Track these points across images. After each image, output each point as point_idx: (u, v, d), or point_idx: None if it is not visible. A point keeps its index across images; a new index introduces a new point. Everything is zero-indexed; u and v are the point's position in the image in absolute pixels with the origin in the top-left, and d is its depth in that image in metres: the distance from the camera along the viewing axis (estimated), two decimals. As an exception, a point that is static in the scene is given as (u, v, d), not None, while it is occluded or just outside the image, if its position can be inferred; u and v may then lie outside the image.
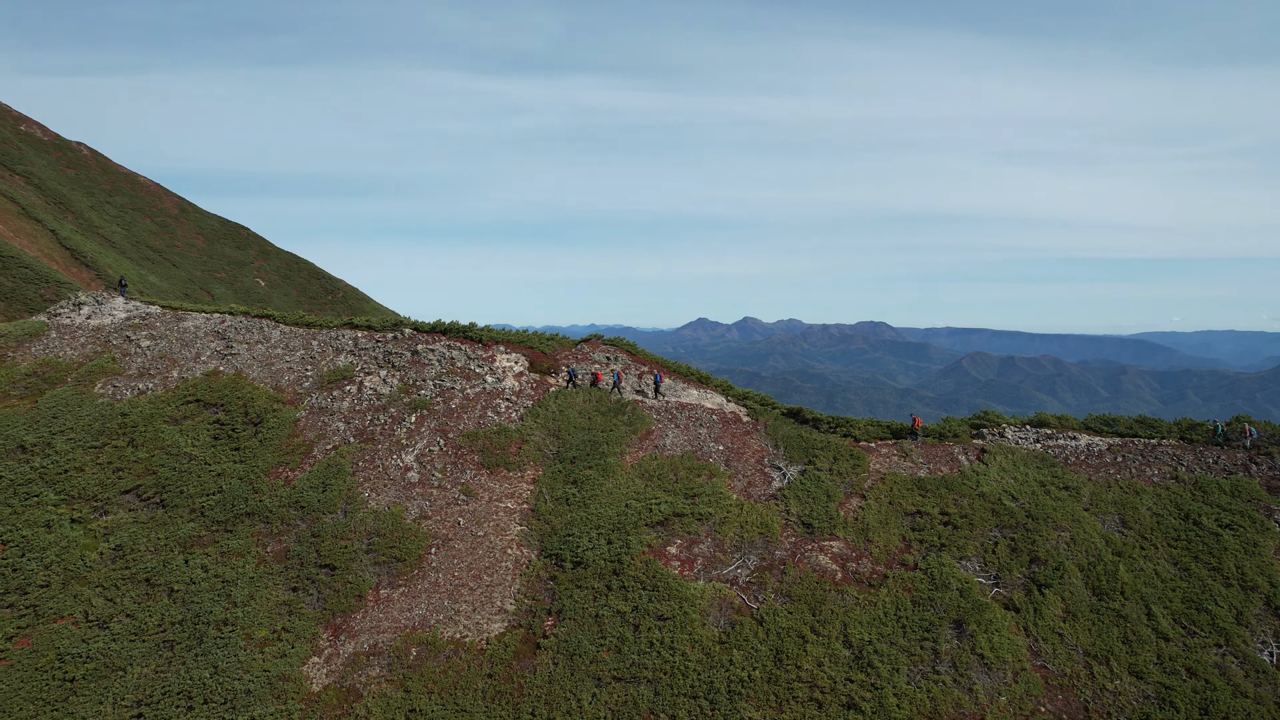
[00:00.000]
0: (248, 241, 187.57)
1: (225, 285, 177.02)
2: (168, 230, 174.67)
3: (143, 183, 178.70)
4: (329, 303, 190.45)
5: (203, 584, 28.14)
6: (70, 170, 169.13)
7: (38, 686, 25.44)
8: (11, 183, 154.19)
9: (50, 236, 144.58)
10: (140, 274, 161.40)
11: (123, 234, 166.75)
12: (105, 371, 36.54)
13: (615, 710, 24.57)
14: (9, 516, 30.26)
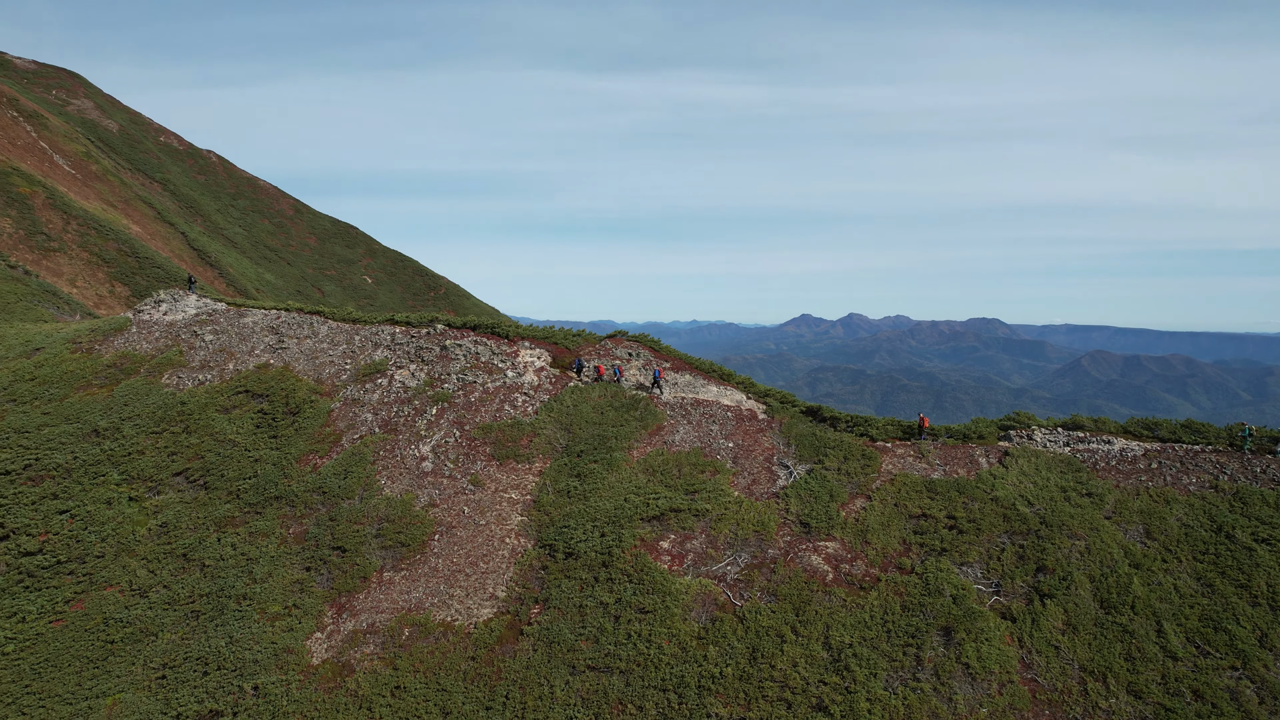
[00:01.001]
0: (356, 240, 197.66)
1: (335, 282, 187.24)
2: (284, 230, 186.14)
3: (262, 186, 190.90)
4: (431, 299, 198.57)
5: (230, 561, 30.64)
6: (200, 176, 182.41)
7: (84, 645, 28.41)
8: (151, 189, 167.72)
9: (181, 238, 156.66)
10: (258, 272, 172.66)
11: (244, 235, 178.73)
12: (172, 363, 39.95)
13: (585, 698, 25.36)
14: (78, 493, 33.72)
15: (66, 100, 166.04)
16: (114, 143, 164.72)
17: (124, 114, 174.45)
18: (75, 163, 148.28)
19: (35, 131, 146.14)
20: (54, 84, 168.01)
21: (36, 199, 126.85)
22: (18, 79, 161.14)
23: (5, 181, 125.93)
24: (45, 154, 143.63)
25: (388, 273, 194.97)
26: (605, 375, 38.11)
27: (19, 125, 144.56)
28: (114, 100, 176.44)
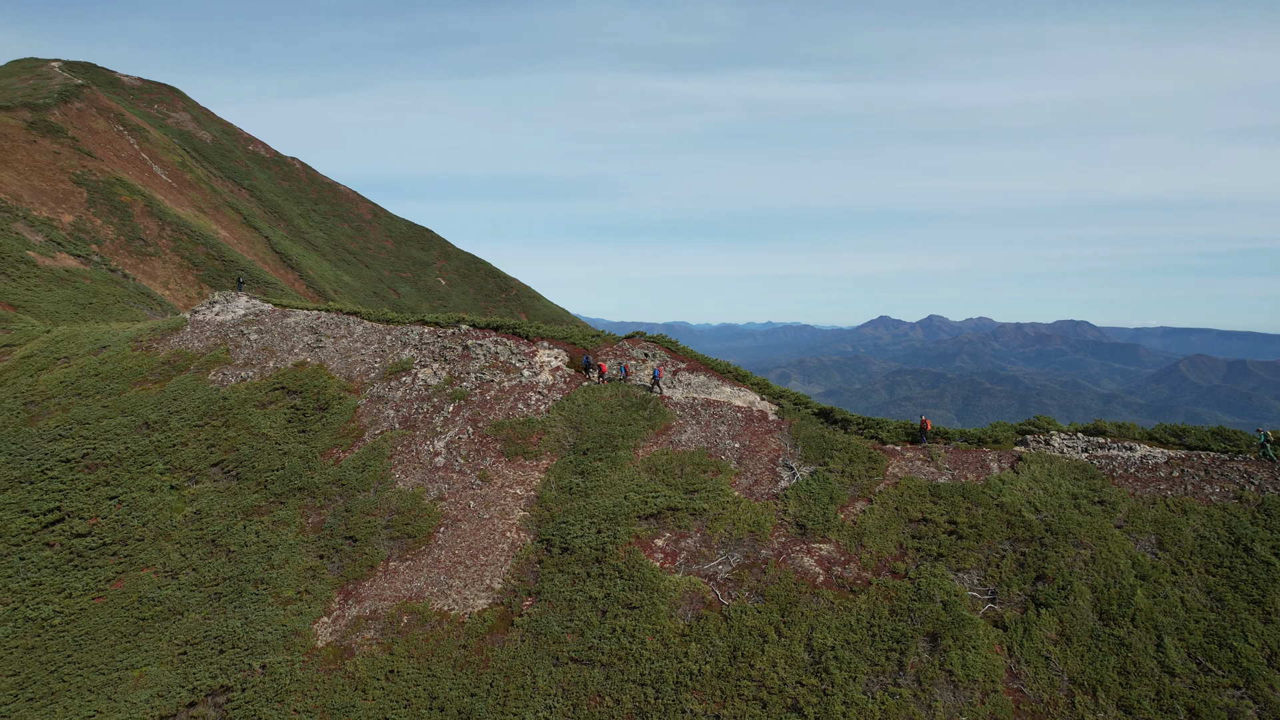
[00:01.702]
0: (431, 243, 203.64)
1: (410, 284, 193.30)
2: (362, 234, 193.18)
3: (343, 191, 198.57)
4: (503, 300, 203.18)
5: (253, 547, 32.58)
6: (285, 182, 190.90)
7: (120, 621, 30.72)
8: (239, 195, 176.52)
9: (265, 242, 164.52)
10: (337, 274, 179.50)
11: (324, 238, 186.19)
12: (219, 361, 42.54)
13: (566, 689, 26.09)
14: (127, 481, 36.35)
15: (166, 114, 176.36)
16: (207, 152, 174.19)
17: (217, 125, 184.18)
18: (171, 172, 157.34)
19: (137, 144, 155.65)
20: (156, 99, 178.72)
21: (136, 207, 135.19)
22: (125, 95, 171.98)
23: (109, 191, 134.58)
24: (145, 164, 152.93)
25: (461, 274, 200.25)
26: (609, 374, 38.81)
27: (123, 139, 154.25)
28: (209, 112, 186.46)
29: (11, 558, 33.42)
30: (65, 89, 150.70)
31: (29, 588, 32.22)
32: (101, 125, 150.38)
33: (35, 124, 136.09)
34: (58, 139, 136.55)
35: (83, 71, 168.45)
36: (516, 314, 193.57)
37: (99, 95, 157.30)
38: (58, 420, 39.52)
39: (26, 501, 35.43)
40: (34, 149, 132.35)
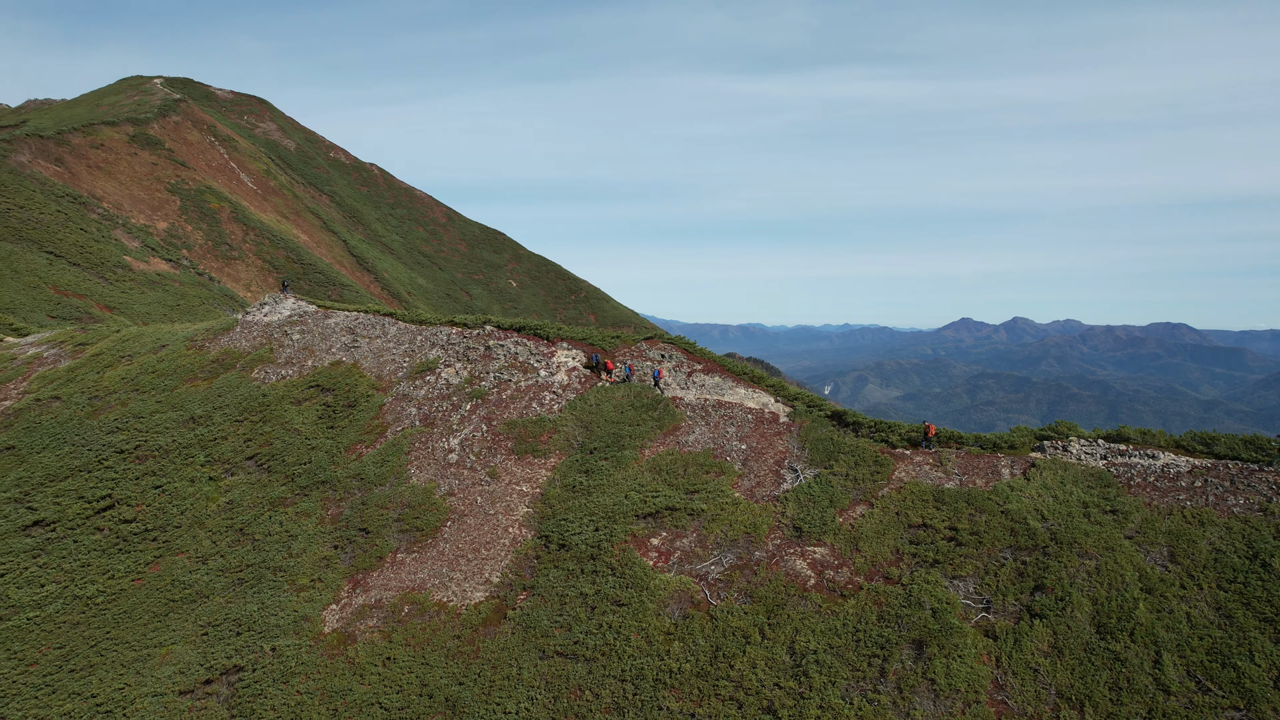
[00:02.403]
0: (503, 246, 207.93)
1: (482, 286, 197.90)
2: (436, 237, 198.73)
3: (419, 195, 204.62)
4: (572, 301, 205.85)
5: (276, 536, 34.39)
6: (364, 188, 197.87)
7: (153, 602, 32.93)
8: (319, 201, 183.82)
9: (342, 246, 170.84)
10: (411, 276, 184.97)
11: (400, 241, 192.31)
12: (263, 360, 44.90)
13: (549, 681, 26.74)
14: (171, 471, 38.83)
15: (255, 124, 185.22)
16: (291, 160, 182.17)
17: (301, 133, 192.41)
18: (257, 179, 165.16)
19: (227, 153, 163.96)
20: (246, 110, 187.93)
21: (223, 213, 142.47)
22: (218, 108, 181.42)
23: (200, 199, 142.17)
24: (234, 173, 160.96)
25: (532, 276, 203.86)
26: (615, 372, 39.31)
27: (214, 149, 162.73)
28: (294, 122, 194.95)
29: (66, 540, 36.14)
30: (164, 104, 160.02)
31: (79, 568, 34.81)
32: (195, 136, 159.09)
33: (136, 137, 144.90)
34: (155, 151, 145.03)
35: (181, 87, 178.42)
36: (585, 315, 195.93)
37: (194, 108, 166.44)
38: (116, 414, 42.45)
39: (83, 489, 38.22)
40: (134, 160, 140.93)
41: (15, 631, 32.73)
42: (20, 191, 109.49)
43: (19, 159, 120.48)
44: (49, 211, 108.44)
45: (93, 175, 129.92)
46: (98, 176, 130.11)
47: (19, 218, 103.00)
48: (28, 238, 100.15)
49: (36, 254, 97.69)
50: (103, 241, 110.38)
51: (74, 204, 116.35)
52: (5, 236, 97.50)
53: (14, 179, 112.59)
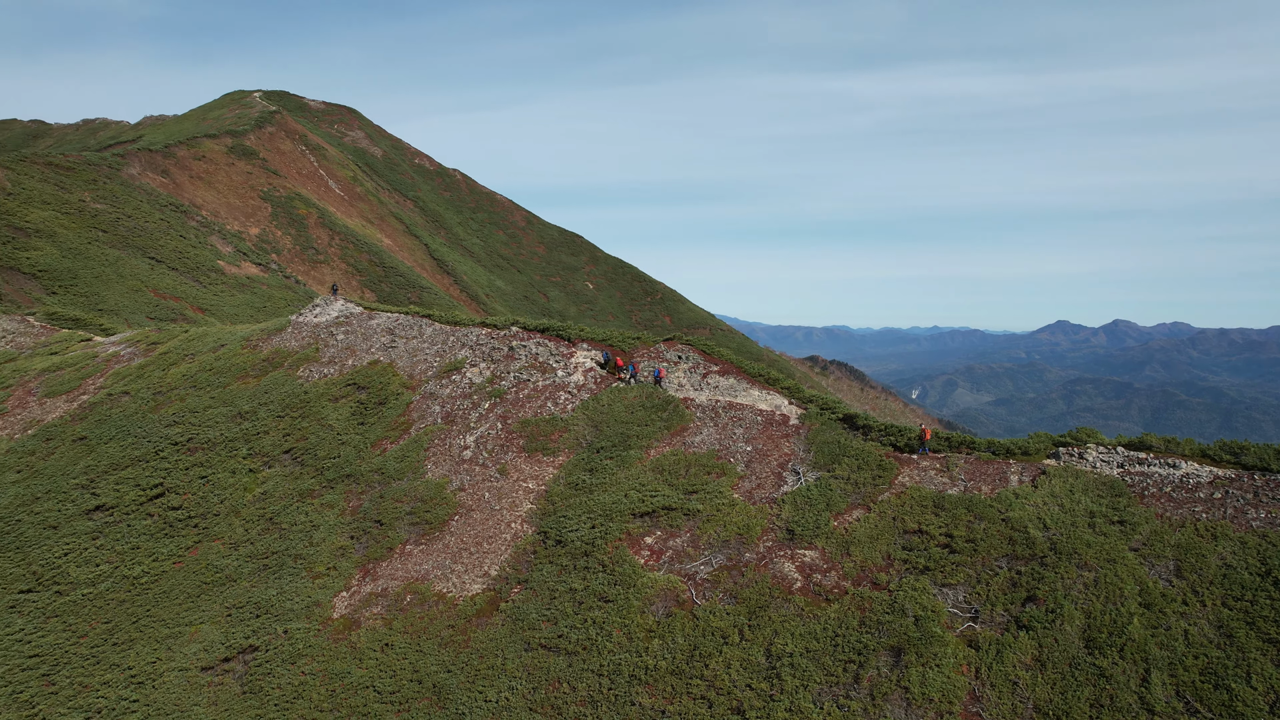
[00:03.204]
0: (580, 248, 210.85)
1: (559, 288, 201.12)
2: (516, 240, 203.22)
3: (499, 200, 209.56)
4: (647, 303, 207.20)
5: (300, 526, 36.37)
6: (446, 193, 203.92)
7: (189, 584, 35.36)
8: (403, 206, 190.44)
9: (424, 249, 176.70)
10: (490, 279, 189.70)
11: (480, 245, 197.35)
12: (309, 359, 47.38)
13: (530, 672, 27.51)
14: (216, 463, 41.50)
15: (344, 132, 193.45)
16: (377, 166, 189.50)
17: (388, 141, 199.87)
18: (344, 186, 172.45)
19: (316, 161, 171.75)
20: (336, 119, 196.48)
21: (310, 219, 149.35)
22: (310, 118, 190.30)
23: (289, 205, 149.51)
24: (322, 180, 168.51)
25: (608, 279, 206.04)
26: (622, 372, 39.80)
27: (305, 157, 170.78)
28: (381, 130, 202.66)
29: (121, 525, 39.13)
30: (261, 116, 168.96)
31: (129, 550, 37.65)
32: (288, 146, 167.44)
33: (234, 148, 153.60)
34: (251, 161, 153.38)
35: (278, 99, 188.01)
36: (661, 317, 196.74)
37: (288, 119, 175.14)
38: (175, 409, 45.60)
39: (140, 477, 41.27)
40: (231, 170, 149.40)
41: (71, 606, 35.69)
42: (129, 201, 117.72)
43: (130, 171, 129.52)
44: (153, 220, 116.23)
45: (194, 185, 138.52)
46: (198, 186, 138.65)
47: (127, 226, 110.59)
48: (133, 244, 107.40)
49: (140, 259, 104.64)
50: (199, 247, 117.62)
51: (175, 212, 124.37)
52: (114, 244, 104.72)
53: (124, 190, 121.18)
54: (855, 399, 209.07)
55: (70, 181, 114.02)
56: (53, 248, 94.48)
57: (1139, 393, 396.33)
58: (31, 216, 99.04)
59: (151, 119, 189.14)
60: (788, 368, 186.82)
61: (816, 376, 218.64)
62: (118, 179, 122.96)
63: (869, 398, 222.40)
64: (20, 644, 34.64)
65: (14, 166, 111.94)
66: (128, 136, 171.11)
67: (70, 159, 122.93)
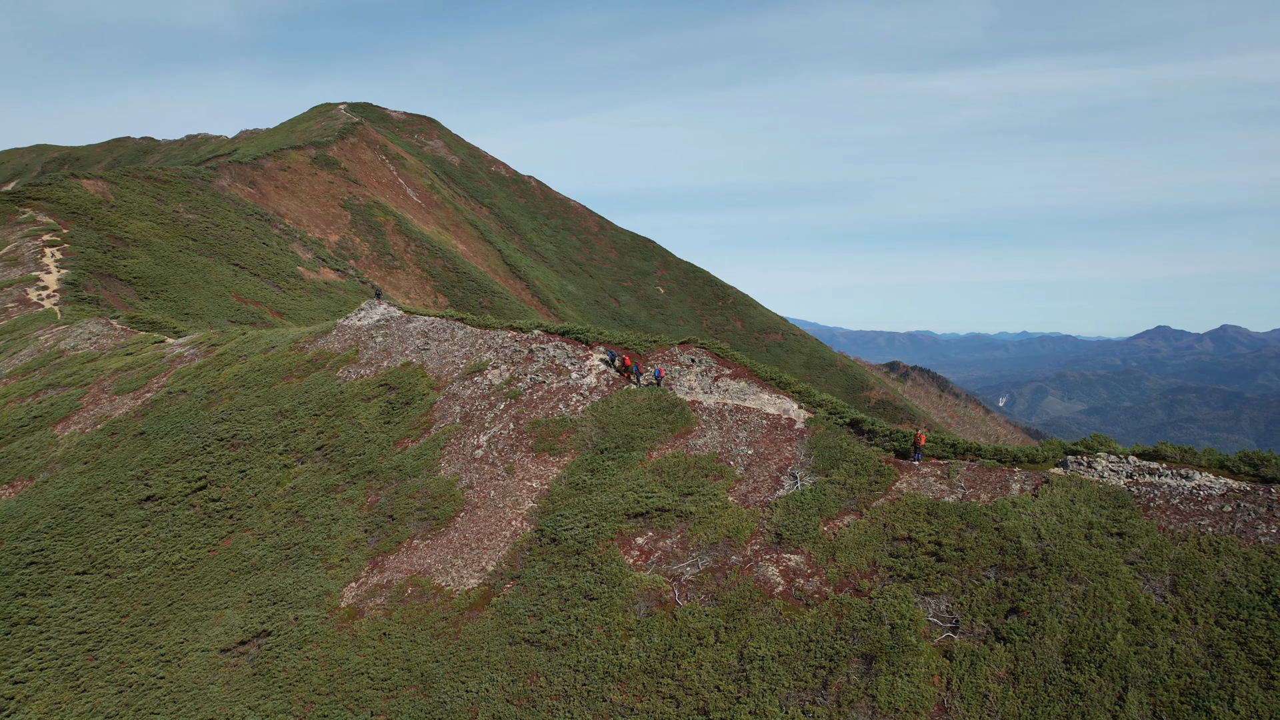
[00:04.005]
0: (652, 253, 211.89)
1: (630, 293, 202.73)
2: (588, 246, 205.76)
3: (573, 205, 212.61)
4: (718, 308, 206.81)
5: (322, 519, 38.19)
6: (521, 199, 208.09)
7: (220, 571, 37.62)
8: (479, 213, 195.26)
9: (497, 255, 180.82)
10: (561, 284, 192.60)
11: (553, 250, 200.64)
12: (348, 361, 49.58)
13: (511, 665, 28.27)
14: (255, 458, 43.93)
15: (423, 142, 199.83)
16: (455, 174, 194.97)
17: (465, 149, 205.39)
18: (421, 194, 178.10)
19: (395, 170, 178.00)
20: (416, 129, 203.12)
21: (388, 226, 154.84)
22: (391, 128, 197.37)
23: (368, 213, 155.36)
24: (401, 188, 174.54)
25: (679, 283, 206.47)
26: (629, 370, 40.26)
27: (385, 166, 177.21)
28: (459, 139, 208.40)
29: (167, 514, 41.87)
30: (344, 127, 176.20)
31: (171, 538, 40.27)
32: (368, 156, 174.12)
33: (317, 159, 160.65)
34: (333, 170, 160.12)
35: (361, 111, 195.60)
36: (732, 321, 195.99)
37: (369, 130, 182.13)
38: (224, 407, 48.43)
39: (187, 470, 44.05)
40: (314, 180, 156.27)
41: (117, 588, 38.43)
42: (218, 211, 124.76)
43: (220, 183, 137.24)
44: (239, 228, 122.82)
45: (279, 194, 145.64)
46: (283, 195, 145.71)
47: (215, 234, 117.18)
48: (219, 252, 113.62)
49: (225, 266, 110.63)
50: (281, 254, 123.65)
51: (260, 221, 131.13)
52: (203, 251, 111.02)
53: (214, 200, 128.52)
54: (931, 406, 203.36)
55: (166, 194, 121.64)
56: (147, 256, 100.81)
57: (1250, 403, 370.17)
58: (131, 227, 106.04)
59: (247, 132, 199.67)
60: (859, 373, 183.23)
61: (892, 382, 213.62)
62: (209, 190, 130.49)
63: (945, 405, 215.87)
64: (72, 621, 37.53)
65: (118, 181, 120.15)
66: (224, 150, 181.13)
67: (168, 173, 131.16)
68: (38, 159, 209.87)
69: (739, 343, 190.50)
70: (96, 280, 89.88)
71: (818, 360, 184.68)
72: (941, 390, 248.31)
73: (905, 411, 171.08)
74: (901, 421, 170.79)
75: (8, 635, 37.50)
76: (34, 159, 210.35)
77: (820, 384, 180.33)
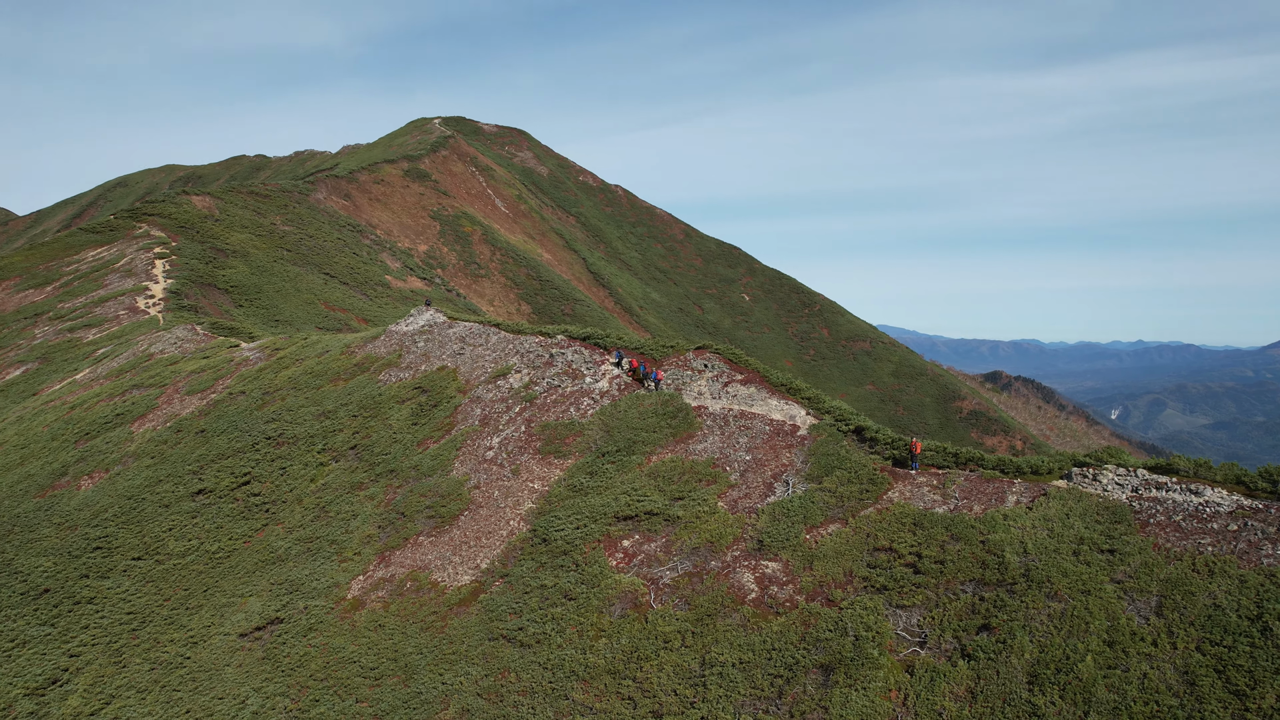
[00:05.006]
0: (738, 260, 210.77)
1: (714, 300, 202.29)
2: (673, 253, 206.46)
3: (659, 214, 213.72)
4: (805, 315, 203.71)
5: (344, 514, 40.01)
6: (608, 208, 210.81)
7: (250, 562, 39.95)
8: (565, 222, 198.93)
9: (582, 263, 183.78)
10: (645, 291, 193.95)
11: (638, 258, 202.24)
12: (391, 365, 51.74)
13: (487, 659, 28.94)
14: (295, 456, 46.42)
15: (514, 154, 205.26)
16: (543, 185, 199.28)
17: (554, 160, 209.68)
18: (509, 204, 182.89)
19: (485, 181, 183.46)
20: (507, 141, 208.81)
21: (475, 236, 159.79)
22: (483, 140, 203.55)
23: (456, 224, 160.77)
24: (489, 199, 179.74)
25: (765, 290, 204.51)
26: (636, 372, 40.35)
27: (475, 178, 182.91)
28: (548, 150, 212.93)
29: (214, 507, 44.75)
30: (436, 141, 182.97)
31: (214, 529, 43.03)
32: (459, 168, 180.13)
33: (409, 171, 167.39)
34: (424, 183, 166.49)
35: (455, 125, 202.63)
36: (818, 329, 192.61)
37: (461, 143, 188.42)
38: (276, 407, 51.36)
39: (235, 467, 46.96)
40: (406, 192, 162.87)
41: (164, 573, 41.36)
42: (312, 223, 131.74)
43: (316, 196, 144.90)
44: (331, 239, 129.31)
45: (371, 206, 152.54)
46: (375, 207, 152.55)
47: (308, 245, 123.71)
48: (311, 261, 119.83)
49: (316, 275, 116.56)
50: (370, 263, 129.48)
51: (352, 232, 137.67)
52: (295, 261, 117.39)
53: (310, 213, 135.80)
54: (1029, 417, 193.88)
55: (265, 207, 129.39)
56: (244, 266, 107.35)
57: None
58: (231, 239, 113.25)
59: (348, 147, 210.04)
60: (951, 383, 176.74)
61: (989, 393, 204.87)
62: (305, 203, 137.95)
63: (1045, 416, 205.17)
64: (123, 602, 40.63)
65: (223, 196, 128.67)
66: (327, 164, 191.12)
67: (268, 187, 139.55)
68: (167, 178, 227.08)
69: (825, 350, 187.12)
70: (197, 289, 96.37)
71: (907, 369, 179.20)
72: (1046, 401, 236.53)
73: (999, 423, 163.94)
74: (995, 434, 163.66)
75: (70, 612, 40.93)
76: (164, 178, 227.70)
77: (909, 393, 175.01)
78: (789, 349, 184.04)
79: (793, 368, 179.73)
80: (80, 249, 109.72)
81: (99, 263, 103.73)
